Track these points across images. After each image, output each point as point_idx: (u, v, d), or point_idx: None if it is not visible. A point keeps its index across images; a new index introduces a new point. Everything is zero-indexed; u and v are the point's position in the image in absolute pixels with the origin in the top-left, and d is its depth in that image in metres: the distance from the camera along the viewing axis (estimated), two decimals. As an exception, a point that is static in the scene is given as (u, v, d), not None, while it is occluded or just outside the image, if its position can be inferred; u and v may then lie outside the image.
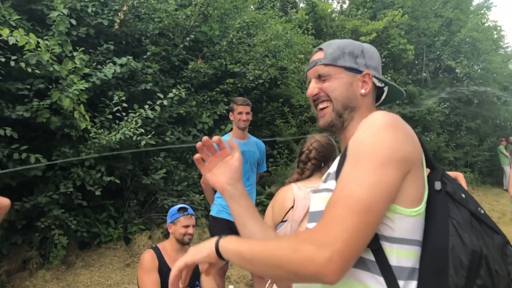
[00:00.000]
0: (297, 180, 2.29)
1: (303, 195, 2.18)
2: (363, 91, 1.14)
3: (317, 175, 2.27)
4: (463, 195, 0.98)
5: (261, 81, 7.03)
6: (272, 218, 2.27)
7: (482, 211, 0.98)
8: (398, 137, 0.95)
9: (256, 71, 6.94)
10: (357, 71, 1.15)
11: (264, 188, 6.80)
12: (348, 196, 0.90)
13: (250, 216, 1.16)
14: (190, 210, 3.11)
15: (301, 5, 13.14)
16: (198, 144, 1.17)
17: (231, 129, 4.75)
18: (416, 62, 14.93)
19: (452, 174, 1.15)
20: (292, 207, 2.19)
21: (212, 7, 6.71)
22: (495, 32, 17.63)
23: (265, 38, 7.23)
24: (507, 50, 18.93)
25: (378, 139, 0.94)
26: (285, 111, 7.84)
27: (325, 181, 1.13)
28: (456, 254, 0.90)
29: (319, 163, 2.29)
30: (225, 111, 6.60)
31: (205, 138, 1.18)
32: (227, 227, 3.73)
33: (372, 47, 1.22)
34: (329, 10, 11.97)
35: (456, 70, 15.40)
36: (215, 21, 6.97)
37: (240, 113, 3.84)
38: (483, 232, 0.95)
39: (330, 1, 14.90)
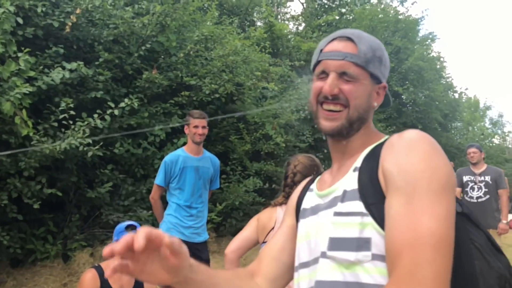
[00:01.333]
0: (282, 203, 2.32)
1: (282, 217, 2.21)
2: (375, 104, 1.04)
3: None
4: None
5: (217, 95, 6.93)
6: (257, 240, 2.32)
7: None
8: (446, 160, 0.88)
9: (213, 85, 6.84)
10: (378, 81, 1.03)
11: (215, 206, 6.65)
12: (429, 236, 0.77)
13: (217, 278, 0.99)
14: (139, 228, 2.91)
15: (259, 23, 13.31)
16: (119, 249, 0.74)
17: (184, 143, 4.62)
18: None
19: None
20: (273, 228, 2.20)
21: (170, 18, 6.57)
22: (438, 62, 18.77)
23: (223, 52, 7.17)
24: (447, 80, 20.17)
25: (434, 164, 0.84)
26: (240, 127, 7.78)
27: (342, 201, 0.94)
28: (486, 279, 0.85)
29: None
30: (178, 124, 6.43)
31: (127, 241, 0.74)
32: (177, 246, 3.58)
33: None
34: (285, 30, 12.19)
35: (402, 96, 16.15)
36: (172, 32, 6.83)
37: (196, 126, 3.73)
38: (497, 254, 0.92)
39: (286, 22, 15.24)
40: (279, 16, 15.08)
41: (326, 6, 16.68)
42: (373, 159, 0.95)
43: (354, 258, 0.87)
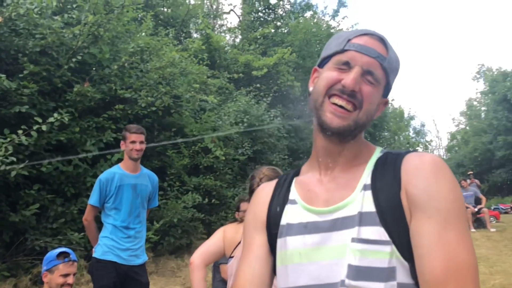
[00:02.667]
0: None
1: None
2: (374, 116, 0.97)
3: None
4: None
5: (154, 108, 6.72)
6: (223, 250, 2.22)
7: None
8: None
9: (149, 98, 6.63)
10: (385, 94, 0.98)
11: (152, 224, 6.39)
12: (467, 268, 0.79)
13: None
14: (73, 256, 2.70)
15: (195, 35, 13.22)
16: None
17: (119, 159, 4.39)
18: (302, 98, 15.96)
19: None
20: (240, 242, 2.12)
21: (103, 28, 6.29)
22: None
23: (160, 64, 6.99)
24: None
25: (459, 195, 0.86)
26: (177, 141, 7.61)
27: (360, 225, 0.87)
28: None
29: None
30: (112, 139, 6.13)
31: None
32: (113, 270, 3.38)
33: None
34: (222, 42, 12.23)
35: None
36: (105, 43, 6.54)
37: (133, 142, 3.54)
38: None
39: (223, 34, 15.30)
40: (215, 28, 15.11)
41: (262, 19, 17.00)
42: (387, 177, 0.90)
43: None
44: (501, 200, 20.85)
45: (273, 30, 15.60)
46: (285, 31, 16.58)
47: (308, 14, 19.04)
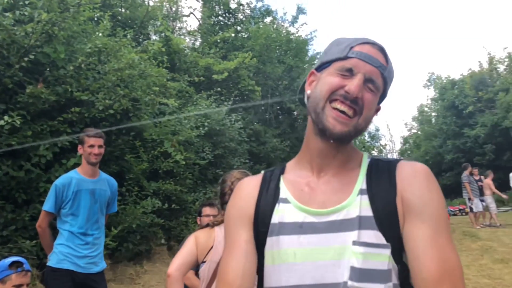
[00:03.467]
0: (223, 221, 2.21)
1: (222, 236, 2.11)
2: (371, 122, 1.02)
3: None
4: None
5: (112, 111, 6.51)
6: (197, 257, 2.18)
7: None
8: None
9: (107, 101, 6.42)
10: (381, 101, 1.03)
11: (110, 230, 6.18)
12: (457, 268, 0.89)
13: None
14: (26, 265, 2.56)
15: (154, 37, 12.99)
16: None
17: (75, 164, 4.22)
18: (262, 103, 16.05)
19: None
20: (212, 247, 2.12)
21: (58, 27, 6.03)
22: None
23: (118, 66, 6.79)
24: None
25: (444, 202, 0.95)
26: (136, 145, 7.42)
27: (359, 228, 0.91)
28: None
29: None
30: (68, 143, 5.88)
31: None
32: (70, 279, 3.27)
33: None
34: (182, 45, 12.09)
35: (294, 112, 17.03)
36: (60, 43, 6.27)
37: (91, 146, 3.43)
38: None
39: (182, 37, 15.15)
40: (175, 31, 14.93)
41: (222, 23, 16.98)
42: (383, 184, 0.95)
43: None
44: (450, 202, 21.76)
45: (233, 35, 15.61)
46: (245, 36, 16.64)
47: (268, 19, 19.23)
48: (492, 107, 22.51)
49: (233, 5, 17.09)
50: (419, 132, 33.12)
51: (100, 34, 7.96)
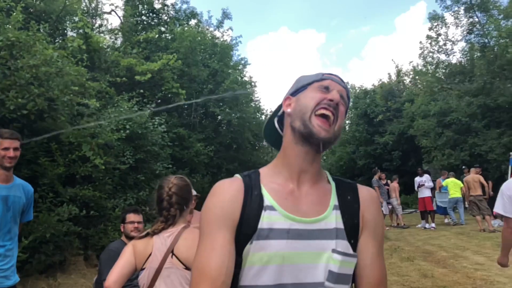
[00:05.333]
0: (163, 229, 2.20)
1: (160, 243, 2.16)
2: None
3: (181, 220, 2.26)
4: None
5: (25, 111, 6.01)
6: (135, 266, 2.17)
7: None
8: None
9: (19, 100, 5.91)
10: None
11: (20, 240, 5.65)
12: (386, 273, 1.20)
13: None
14: None
15: (71, 33, 12.21)
16: None
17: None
18: (186, 107, 15.83)
19: None
20: (151, 254, 2.15)
21: (-37, 17, 5.45)
22: (249, 86, 20.51)
23: (33, 62, 6.27)
24: (256, 103, 22.21)
25: None
26: (52, 148, 6.91)
27: (337, 238, 1.11)
28: None
29: (181, 207, 2.26)
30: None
31: None
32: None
33: None
34: (102, 44, 11.52)
35: (219, 117, 17.06)
36: (-36, 34, 5.67)
37: (6, 148, 3.18)
38: None
39: (102, 35, 14.45)
40: (94, 28, 14.17)
41: (145, 22, 16.50)
42: (349, 202, 1.18)
43: None
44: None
45: (157, 35, 15.23)
46: (170, 37, 16.32)
47: (193, 22, 19.07)
48: (400, 116, 24.36)
49: (157, 5, 16.69)
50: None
51: (10, 27, 7.30)
